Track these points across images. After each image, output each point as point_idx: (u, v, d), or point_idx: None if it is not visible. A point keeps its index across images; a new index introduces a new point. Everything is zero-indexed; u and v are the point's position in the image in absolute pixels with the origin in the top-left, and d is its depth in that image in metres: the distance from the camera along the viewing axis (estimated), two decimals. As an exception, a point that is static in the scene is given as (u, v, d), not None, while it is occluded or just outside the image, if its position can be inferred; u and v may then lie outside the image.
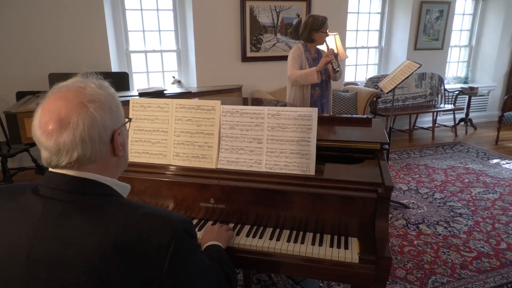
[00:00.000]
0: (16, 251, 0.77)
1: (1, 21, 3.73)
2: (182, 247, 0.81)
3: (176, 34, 4.60)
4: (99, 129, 0.81)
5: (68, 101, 0.80)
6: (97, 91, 0.84)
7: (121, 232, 0.76)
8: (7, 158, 3.43)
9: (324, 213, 1.41)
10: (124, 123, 0.92)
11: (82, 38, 4.00)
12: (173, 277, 0.79)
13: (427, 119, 5.79)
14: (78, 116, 0.78)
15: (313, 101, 3.04)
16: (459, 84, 6.12)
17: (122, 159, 0.92)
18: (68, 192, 0.80)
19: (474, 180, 3.82)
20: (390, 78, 3.04)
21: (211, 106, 1.54)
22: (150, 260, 0.77)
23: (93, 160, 0.82)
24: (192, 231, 0.87)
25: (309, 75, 2.84)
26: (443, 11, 5.44)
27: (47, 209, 0.79)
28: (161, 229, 0.79)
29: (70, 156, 0.79)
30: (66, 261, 0.74)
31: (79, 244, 0.75)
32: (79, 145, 0.78)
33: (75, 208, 0.79)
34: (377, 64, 5.75)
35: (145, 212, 0.81)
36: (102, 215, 0.79)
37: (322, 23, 2.92)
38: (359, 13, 5.39)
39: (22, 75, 3.87)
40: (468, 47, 6.25)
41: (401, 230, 2.84)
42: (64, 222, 0.77)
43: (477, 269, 2.38)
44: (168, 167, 1.55)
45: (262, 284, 2.22)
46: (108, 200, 0.83)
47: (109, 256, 0.74)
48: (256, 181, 1.46)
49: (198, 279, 0.90)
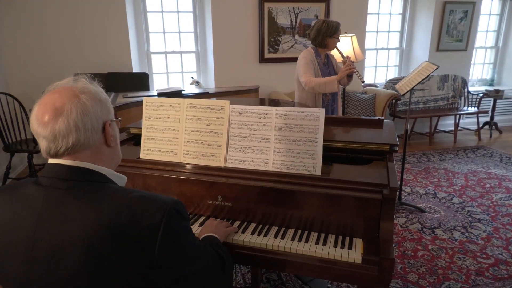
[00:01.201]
0: (21, 236, 0.84)
1: (33, 25, 3.91)
2: (173, 226, 0.85)
3: (195, 36, 4.69)
4: (90, 117, 0.88)
5: (62, 93, 0.88)
6: (88, 85, 0.93)
7: (114, 214, 0.82)
8: (32, 154, 3.59)
9: (329, 213, 1.42)
10: (114, 118, 0.98)
11: (105, 40, 4.15)
12: (165, 256, 0.83)
13: (450, 122, 5.65)
14: (71, 104, 0.86)
15: (324, 106, 2.99)
16: (484, 87, 5.93)
17: (114, 151, 0.98)
18: (66, 180, 0.87)
19: (496, 185, 3.70)
20: (407, 80, 3.00)
21: (221, 106, 1.58)
22: (143, 240, 0.81)
23: (87, 146, 0.89)
24: (183, 212, 0.90)
25: (328, 83, 2.74)
26: (468, 11, 5.30)
27: (47, 197, 0.85)
28: (153, 210, 0.84)
29: (67, 142, 0.85)
30: (66, 243, 0.80)
31: (76, 227, 0.81)
32: (73, 130, 0.85)
33: (73, 194, 0.85)
34: (397, 66, 5.66)
35: (137, 195, 0.86)
36: (97, 199, 0.84)
37: (336, 29, 2.87)
38: (379, 14, 5.33)
39: (48, 75, 4.03)
40: (494, 48, 6.06)
41: (416, 234, 2.80)
42: (63, 207, 0.84)
43: (494, 276, 2.31)
44: (178, 164, 1.60)
45: (271, 283, 2.24)
46: (102, 185, 0.89)
47: (105, 237, 0.79)
48: (263, 180, 1.48)
49: (190, 258, 0.93)
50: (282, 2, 4.50)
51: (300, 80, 2.90)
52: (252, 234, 1.44)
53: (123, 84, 4.09)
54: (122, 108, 3.40)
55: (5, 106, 3.65)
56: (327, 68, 2.98)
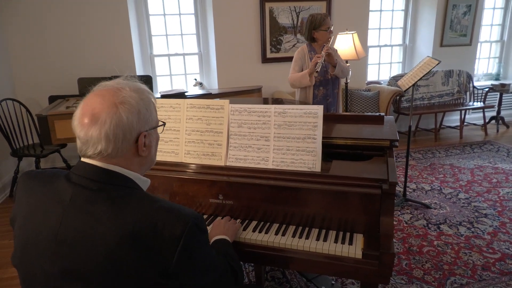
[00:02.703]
0: (46, 226, 0.87)
1: (37, 31, 3.97)
2: (192, 240, 0.86)
3: (197, 38, 4.72)
4: (124, 129, 0.89)
5: (104, 99, 0.89)
6: (131, 94, 0.92)
7: (137, 222, 0.83)
8: (40, 158, 3.64)
9: (330, 209, 1.42)
10: (153, 126, 0.99)
11: (108, 44, 4.19)
12: (181, 268, 0.85)
13: (455, 118, 5.61)
14: (107, 115, 0.88)
15: (316, 101, 3.01)
16: (490, 81, 5.87)
17: (146, 159, 1.00)
18: (95, 181, 0.89)
19: (503, 180, 3.67)
20: (409, 75, 2.99)
21: (220, 105, 1.60)
22: (161, 250, 0.83)
23: (114, 155, 0.90)
24: (203, 226, 0.92)
25: (302, 78, 2.87)
26: (471, 5, 5.26)
27: (75, 194, 0.88)
28: (174, 222, 0.85)
29: (95, 149, 0.88)
30: (87, 242, 0.83)
31: (99, 229, 0.83)
32: (103, 140, 0.87)
33: (100, 196, 0.87)
34: (401, 62, 5.63)
35: (161, 205, 0.88)
36: (123, 205, 0.86)
37: (321, 20, 2.87)
38: (381, 11, 5.31)
39: (54, 80, 4.10)
40: (499, 42, 5.99)
41: (421, 230, 2.78)
42: (89, 207, 0.86)
43: (500, 271, 2.29)
44: (179, 164, 1.62)
45: (276, 281, 2.25)
46: (130, 192, 0.91)
47: (125, 242, 0.81)
48: (263, 178, 1.49)
49: (205, 272, 0.94)
50: (283, 1, 4.51)
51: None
52: (254, 232, 1.45)
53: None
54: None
55: (12, 111, 3.71)
56: (325, 63, 2.97)
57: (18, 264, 0.92)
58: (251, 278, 2.31)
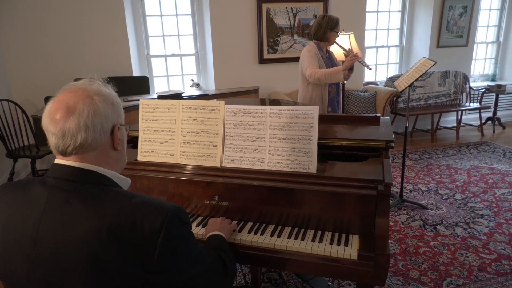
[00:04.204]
0: (24, 234, 0.86)
1: (34, 32, 3.95)
2: (173, 232, 0.86)
3: (194, 38, 4.71)
4: (101, 118, 0.90)
5: (76, 93, 0.90)
6: (102, 88, 0.96)
7: (115, 218, 0.82)
8: (35, 159, 3.62)
9: (325, 210, 1.42)
10: (123, 123, 1.00)
11: (104, 44, 4.18)
12: (164, 261, 0.84)
13: (452, 119, 5.62)
14: (84, 104, 0.88)
15: (330, 98, 3.06)
16: (486, 82, 5.90)
17: (120, 154, 1.00)
18: (70, 181, 0.88)
19: (499, 180, 3.68)
20: (405, 76, 3.00)
21: (215, 106, 1.59)
22: (142, 246, 0.82)
23: (94, 146, 0.90)
24: (184, 218, 0.91)
25: (334, 73, 2.83)
26: (467, 7, 5.28)
27: (51, 197, 0.87)
28: (153, 216, 0.84)
29: (75, 141, 0.87)
30: (67, 245, 0.82)
31: (78, 228, 0.82)
32: (82, 129, 0.87)
33: (76, 196, 0.86)
34: (398, 63, 5.65)
35: (139, 200, 0.87)
36: (100, 202, 0.86)
37: (337, 23, 2.99)
38: (378, 12, 5.32)
39: (50, 81, 4.07)
40: (495, 43, 6.02)
41: (418, 231, 2.79)
42: (66, 208, 0.85)
43: (496, 272, 2.30)
44: (175, 165, 1.61)
45: (273, 283, 2.25)
46: (107, 189, 0.90)
47: (105, 240, 0.80)
48: (259, 179, 1.49)
49: (190, 264, 0.93)
50: (280, 2, 4.51)
51: (305, 74, 2.94)
52: (249, 233, 1.45)
53: (123, 88, 4.11)
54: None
55: (7, 112, 3.69)
56: (330, 62, 3.06)
57: (2, 275, 0.91)
58: (247, 280, 2.30)
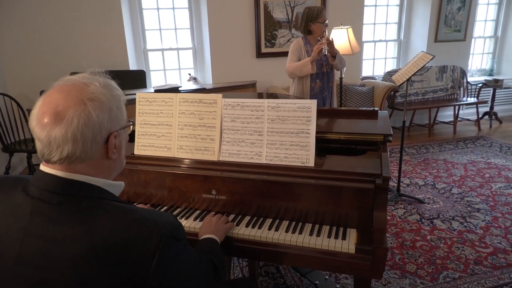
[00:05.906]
0: (6, 248, 0.79)
1: (29, 25, 3.91)
2: (169, 253, 0.80)
3: (191, 32, 4.67)
4: (93, 128, 0.81)
5: (69, 95, 0.80)
6: (100, 90, 0.84)
7: (107, 237, 0.76)
8: (31, 154, 3.60)
9: (323, 204, 1.42)
10: (124, 126, 0.91)
11: (100, 38, 4.14)
12: (158, 280, 0.79)
13: (449, 113, 5.63)
14: (75, 112, 0.78)
15: (313, 94, 3.01)
16: (484, 77, 5.90)
17: (116, 162, 0.92)
18: (55, 193, 0.80)
19: (495, 175, 3.69)
20: (403, 71, 2.99)
21: (213, 100, 1.58)
22: (136, 266, 0.76)
23: (83, 159, 0.82)
24: (180, 235, 0.86)
25: (303, 65, 2.84)
26: (465, 1, 5.27)
27: (35, 211, 0.79)
28: (148, 236, 0.78)
29: (61, 152, 0.79)
30: (52, 262, 0.75)
31: (65, 247, 0.75)
32: (70, 141, 0.78)
33: (62, 211, 0.79)
34: (396, 58, 5.64)
35: (133, 217, 0.80)
36: (89, 219, 0.78)
37: (318, 13, 2.89)
38: (376, 6, 5.30)
39: (46, 75, 4.04)
40: (493, 38, 6.01)
41: (414, 225, 2.80)
42: (51, 225, 0.77)
43: (492, 265, 2.31)
44: (172, 159, 1.60)
45: (270, 276, 2.25)
46: (98, 203, 0.82)
47: (93, 260, 0.74)
48: (256, 173, 1.48)
49: (184, 278, 0.89)
50: (277, -4, 4.48)
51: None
52: (247, 227, 1.44)
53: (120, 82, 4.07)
54: (119, 105, 3.40)
55: (3, 106, 3.66)
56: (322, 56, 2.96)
57: None
58: (245, 273, 2.31)
